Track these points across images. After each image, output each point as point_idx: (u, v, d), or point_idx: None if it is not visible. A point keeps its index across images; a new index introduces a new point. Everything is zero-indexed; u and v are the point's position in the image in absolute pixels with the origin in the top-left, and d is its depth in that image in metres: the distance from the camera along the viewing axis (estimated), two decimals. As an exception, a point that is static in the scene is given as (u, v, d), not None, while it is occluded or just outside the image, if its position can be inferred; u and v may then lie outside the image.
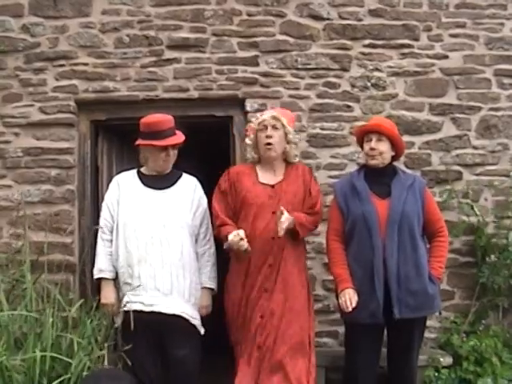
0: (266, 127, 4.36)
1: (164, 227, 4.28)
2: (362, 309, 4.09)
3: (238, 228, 4.20)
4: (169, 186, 4.44)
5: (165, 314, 4.19)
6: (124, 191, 4.43)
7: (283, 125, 4.36)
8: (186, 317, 4.25)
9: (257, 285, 4.26)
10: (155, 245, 4.25)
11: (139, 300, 4.20)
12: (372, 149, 4.26)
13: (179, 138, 4.40)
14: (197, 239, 4.46)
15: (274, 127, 4.35)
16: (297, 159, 4.56)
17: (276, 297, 4.22)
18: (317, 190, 4.47)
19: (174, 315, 4.21)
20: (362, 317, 4.12)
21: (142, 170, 4.54)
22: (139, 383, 4.17)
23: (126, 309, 4.21)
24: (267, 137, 4.34)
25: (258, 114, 4.53)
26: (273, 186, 4.37)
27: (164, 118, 4.40)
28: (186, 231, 4.35)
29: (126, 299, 4.24)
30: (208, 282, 4.46)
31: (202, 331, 4.40)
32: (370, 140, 4.28)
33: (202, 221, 4.48)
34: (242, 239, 4.08)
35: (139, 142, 4.39)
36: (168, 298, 4.22)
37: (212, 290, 4.50)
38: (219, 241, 4.42)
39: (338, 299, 4.21)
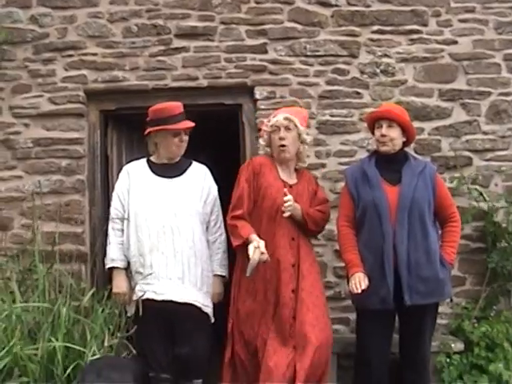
0: (278, 128, 4.36)
1: (175, 215, 4.30)
2: (373, 295, 4.11)
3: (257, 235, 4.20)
4: (179, 175, 4.46)
5: (177, 303, 4.21)
6: (134, 180, 4.45)
7: (296, 125, 4.37)
8: (198, 305, 4.28)
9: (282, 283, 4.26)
10: (167, 233, 4.27)
11: (151, 289, 4.22)
12: (383, 135, 4.26)
13: (190, 122, 4.42)
14: (207, 227, 4.48)
15: (287, 128, 4.36)
16: (307, 161, 4.62)
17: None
18: (321, 192, 4.59)
19: (186, 303, 4.23)
20: (372, 303, 4.14)
21: (152, 158, 4.55)
22: (150, 372, 4.20)
23: (138, 297, 4.23)
24: (280, 139, 4.35)
25: (272, 116, 4.51)
26: (291, 186, 4.39)
27: (174, 104, 4.45)
28: (196, 219, 4.37)
29: (138, 288, 4.26)
30: (219, 269, 4.49)
31: (213, 320, 4.43)
32: (381, 126, 4.28)
33: (212, 208, 4.49)
34: (262, 253, 4.06)
35: (151, 129, 4.40)
36: (180, 286, 4.25)
37: (223, 277, 4.51)
38: (231, 231, 4.40)
39: (348, 284, 4.22)
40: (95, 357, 3.88)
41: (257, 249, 4.03)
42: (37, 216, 5.08)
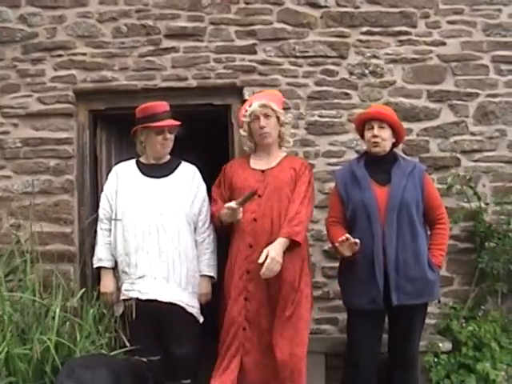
0: (257, 117, 4.39)
1: (161, 215, 4.31)
2: (363, 295, 4.15)
3: None
4: (167, 175, 4.47)
5: (161, 302, 4.22)
6: (122, 181, 4.46)
7: (273, 110, 4.39)
8: (182, 305, 4.28)
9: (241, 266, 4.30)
10: (152, 233, 4.28)
11: (136, 288, 4.23)
12: (375, 136, 4.28)
13: (174, 121, 4.43)
14: (195, 227, 4.48)
15: (266, 115, 4.39)
16: (291, 140, 4.64)
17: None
18: (303, 183, 4.40)
19: (170, 303, 4.24)
20: (361, 303, 4.17)
21: (141, 159, 4.56)
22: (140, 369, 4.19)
23: (124, 297, 4.25)
24: (261, 127, 4.38)
25: (247, 105, 4.53)
26: (263, 171, 4.41)
27: (159, 103, 4.48)
28: (183, 219, 4.38)
29: (123, 288, 4.27)
30: (206, 269, 4.48)
31: (201, 320, 4.43)
32: (372, 128, 4.31)
33: (200, 208, 4.49)
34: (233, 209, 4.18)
35: (135, 127, 4.43)
36: (165, 286, 4.26)
37: (211, 277, 4.52)
38: (218, 229, 4.48)
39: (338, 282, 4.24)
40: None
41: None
42: (26, 216, 5.06)
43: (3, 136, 5.36)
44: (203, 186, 4.58)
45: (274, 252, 4.09)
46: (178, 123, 4.44)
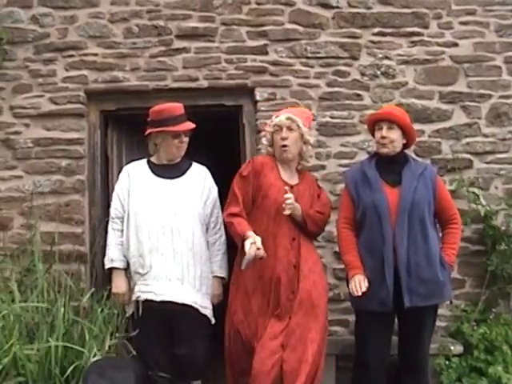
0: (280, 128, 4.35)
1: (175, 216, 4.29)
2: (372, 297, 4.10)
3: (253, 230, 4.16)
4: (179, 176, 4.46)
5: (175, 303, 4.20)
6: (134, 181, 4.45)
7: (298, 126, 4.35)
8: (196, 306, 4.27)
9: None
10: (166, 234, 4.27)
11: (150, 290, 4.22)
12: (383, 137, 4.26)
13: (191, 124, 4.42)
14: (207, 228, 4.47)
15: (289, 128, 4.34)
16: (311, 161, 4.61)
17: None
18: (324, 195, 4.55)
19: (184, 305, 4.22)
20: (371, 305, 4.14)
21: (152, 159, 4.55)
22: (149, 371, 4.20)
23: (137, 298, 4.23)
24: (282, 139, 4.34)
25: (274, 116, 4.49)
26: (292, 187, 4.36)
27: (175, 105, 4.44)
28: (196, 220, 4.37)
29: (136, 289, 4.26)
30: (219, 270, 4.48)
31: (213, 321, 4.42)
32: (381, 128, 4.28)
33: (212, 210, 4.49)
34: (258, 249, 4.02)
35: (151, 129, 4.40)
36: (179, 287, 4.24)
37: (223, 278, 4.51)
38: (229, 228, 4.40)
39: (348, 286, 4.22)
40: (94, 357, 3.88)
41: (253, 244, 4.00)
42: (37, 216, 5.07)
43: (15, 136, 5.36)
44: (215, 188, 4.57)
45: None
46: (194, 126, 4.42)
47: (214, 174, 4.61)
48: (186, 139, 4.45)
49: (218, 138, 6.58)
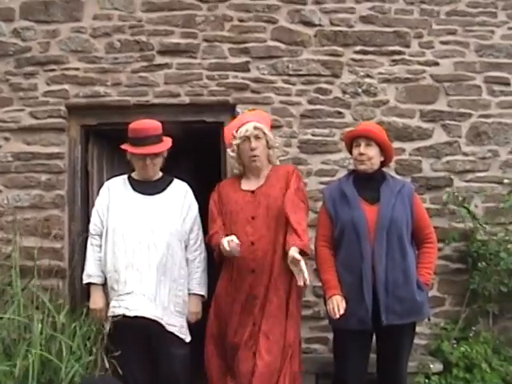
0: (248, 138, 4.37)
1: (152, 232, 4.29)
2: (351, 315, 4.09)
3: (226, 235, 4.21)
4: (159, 192, 4.46)
5: (148, 319, 4.18)
6: (114, 196, 4.44)
7: (264, 133, 4.38)
8: (162, 323, 4.24)
9: (243, 291, 4.27)
10: (143, 250, 4.26)
11: (124, 305, 4.20)
12: (361, 154, 4.26)
13: (161, 146, 4.39)
14: (186, 245, 4.46)
15: (257, 137, 4.37)
16: (278, 161, 4.60)
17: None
18: (297, 187, 4.40)
19: (155, 321, 4.21)
20: (350, 323, 4.13)
21: (133, 175, 4.54)
22: None
23: (111, 314, 4.21)
24: (252, 149, 4.36)
25: (235, 126, 4.50)
26: (253, 192, 4.38)
27: (148, 125, 4.40)
28: (174, 237, 4.36)
29: (111, 304, 4.24)
30: (197, 287, 4.47)
31: (188, 339, 4.40)
32: (359, 145, 4.29)
33: (192, 227, 4.48)
34: (237, 244, 4.08)
35: (124, 146, 4.41)
36: (152, 303, 4.22)
37: (202, 296, 4.49)
38: (210, 248, 4.45)
39: (326, 305, 4.20)
40: (71, 374, 3.84)
41: (230, 241, 4.08)
42: (15, 230, 5.03)
43: (-5, 150, 5.34)
44: (195, 205, 4.56)
45: (293, 251, 4.09)
46: (161, 150, 4.39)
47: (194, 190, 4.61)
48: (153, 161, 4.39)
49: (198, 153, 6.57)
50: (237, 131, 4.43)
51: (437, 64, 5.55)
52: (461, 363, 5.05)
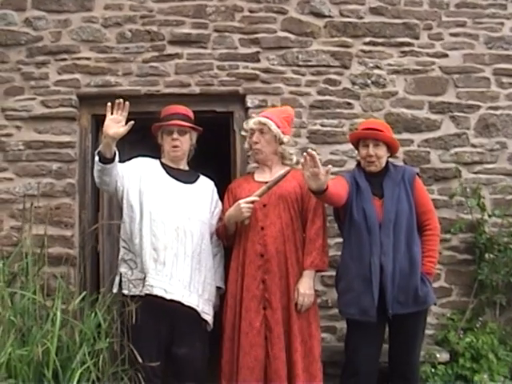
0: (254, 132, 4.45)
1: (189, 220, 4.31)
2: (354, 305, 4.17)
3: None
4: (192, 182, 4.51)
5: (181, 304, 4.20)
6: (148, 174, 4.42)
7: (270, 128, 4.41)
8: (198, 310, 4.27)
9: (251, 275, 4.32)
10: (180, 236, 4.27)
11: (162, 286, 4.19)
12: (370, 155, 4.30)
13: (181, 122, 4.44)
14: (212, 238, 4.51)
15: (261, 132, 4.43)
16: (294, 158, 4.60)
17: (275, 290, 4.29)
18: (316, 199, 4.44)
19: (188, 306, 4.23)
20: (353, 313, 4.20)
21: (163, 160, 4.56)
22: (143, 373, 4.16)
23: (146, 291, 4.19)
24: (254, 143, 4.46)
25: (249, 120, 4.58)
26: (266, 183, 4.39)
27: (180, 107, 4.55)
28: (207, 227, 4.42)
29: (148, 282, 4.20)
30: (219, 281, 4.53)
31: (211, 327, 4.44)
32: (367, 145, 4.33)
33: (217, 222, 4.52)
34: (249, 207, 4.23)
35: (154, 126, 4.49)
36: (187, 289, 4.24)
37: (220, 289, 4.56)
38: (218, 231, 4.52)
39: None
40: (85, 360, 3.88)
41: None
42: (27, 219, 5.07)
43: (6, 138, 5.37)
44: (220, 203, 4.61)
45: (302, 289, 4.26)
46: (186, 124, 4.44)
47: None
48: (180, 137, 4.44)
49: (209, 144, 6.58)
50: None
51: (446, 56, 5.57)
52: (467, 353, 5.08)
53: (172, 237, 4.26)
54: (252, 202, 4.25)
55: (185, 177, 4.49)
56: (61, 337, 3.99)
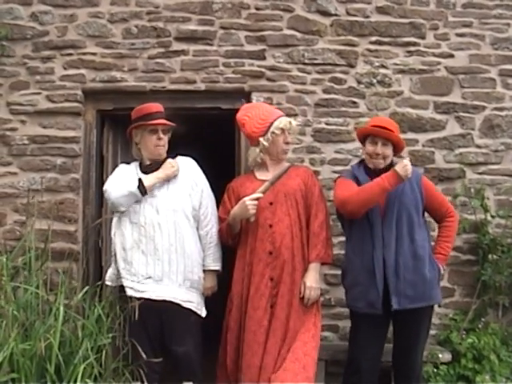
0: (284, 132, 4.43)
1: (157, 213, 4.32)
2: (360, 298, 4.19)
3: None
4: None
5: (156, 301, 4.21)
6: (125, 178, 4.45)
7: (292, 130, 4.50)
8: (177, 301, 4.27)
9: (259, 273, 4.31)
10: (148, 231, 4.28)
11: (130, 285, 4.26)
12: (377, 154, 4.29)
13: (167, 121, 4.43)
14: (198, 221, 4.47)
15: (289, 132, 4.46)
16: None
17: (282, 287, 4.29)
18: (317, 189, 4.51)
19: (164, 301, 4.24)
20: (360, 306, 4.21)
21: (143, 160, 4.55)
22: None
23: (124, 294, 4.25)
24: (286, 143, 4.47)
25: (271, 119, 4.44)
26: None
27: (152, 104, 4.50)
28: (180, 214, 4.36)
29: (121, 282, 4.30)
30: (212, 264, 4.50)
31: (204, 313, 4.43)
32: (375, 143, 4.31)
33: (200, 201, 4.47)
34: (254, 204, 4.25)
35: (135, 125, 4.44)
36: (159, 284, 4.26)
37: (217, 271, 4.54)
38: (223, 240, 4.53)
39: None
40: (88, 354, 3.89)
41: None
42: (30, 213, 5.07)
43: (11, 132, 5.38)
44: (202, 179, 4.55)
45: (309, 282, 4.29)
46: (171, 124, 4.44)
47: (209, 177, 4.62)
48: (163, 136, 4.44)
49: (214, 140, 6.60)
50: (272, 123, 4.42)
51: (452, 56, 5.56)
52: (469, 354, 5.08)
53: (140, 234, 4.28)
54: (257, 199, 4.25)
55: (158, 168, 4.43)
56: (63, 332, 4.00)
